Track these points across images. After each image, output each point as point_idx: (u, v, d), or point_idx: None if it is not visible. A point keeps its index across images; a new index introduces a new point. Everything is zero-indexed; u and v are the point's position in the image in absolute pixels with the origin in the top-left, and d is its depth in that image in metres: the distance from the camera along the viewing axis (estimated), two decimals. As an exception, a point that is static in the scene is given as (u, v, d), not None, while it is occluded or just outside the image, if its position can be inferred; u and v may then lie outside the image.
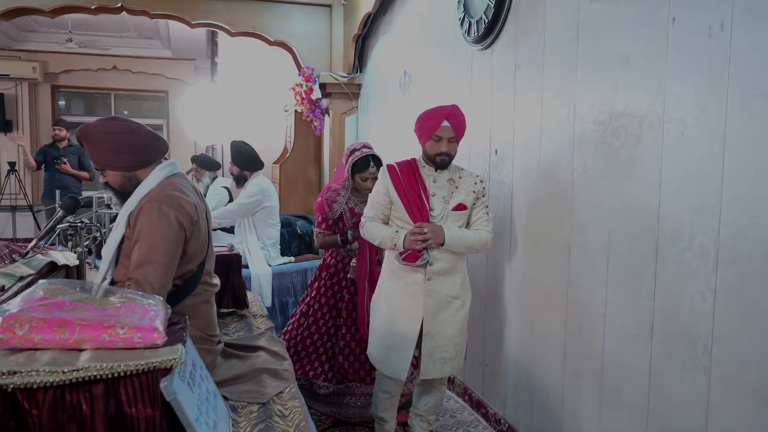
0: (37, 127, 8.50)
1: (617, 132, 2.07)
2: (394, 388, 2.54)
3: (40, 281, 1.41)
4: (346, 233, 2.97)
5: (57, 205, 4.62)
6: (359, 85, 5.26)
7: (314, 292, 3.08)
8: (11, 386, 1.10)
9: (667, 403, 1.87)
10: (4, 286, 1.73)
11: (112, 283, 1.83)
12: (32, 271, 1.99)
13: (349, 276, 3.00)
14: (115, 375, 1.16)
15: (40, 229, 5.21)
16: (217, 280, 2.05)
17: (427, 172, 2.43)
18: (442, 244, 2.33)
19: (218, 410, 1.48)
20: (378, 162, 2.94)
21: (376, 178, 2.81)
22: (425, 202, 2.37)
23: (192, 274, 1.87)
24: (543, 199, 2.53)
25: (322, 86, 5.22)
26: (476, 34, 2.95)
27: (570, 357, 2.37)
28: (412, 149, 2.69)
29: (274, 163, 6.35)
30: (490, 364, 3.00)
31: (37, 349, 1.19)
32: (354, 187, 3.01)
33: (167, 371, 1.20)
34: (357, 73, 5.22)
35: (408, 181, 2.41)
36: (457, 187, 2.42)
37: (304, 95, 5.19)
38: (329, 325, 3.01)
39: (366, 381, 2.98)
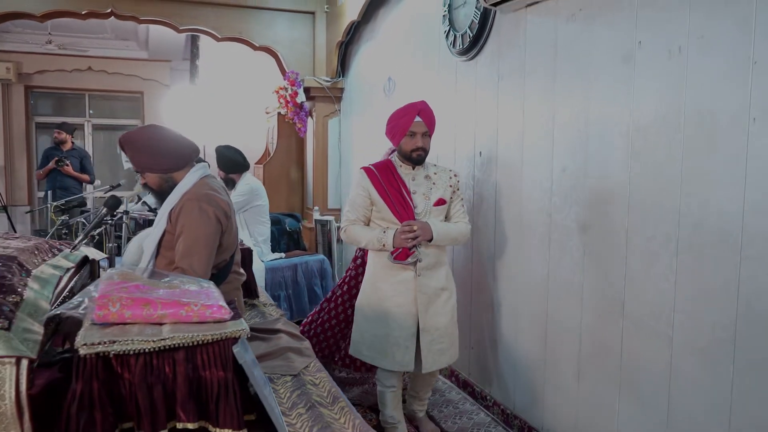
0: (10, 127, 8.47)
1: (592, 137, 2.38)
2: (397, 381, 2.67)
3: (110, 269, 1.63)
4: None
5: (49, 205, 4.75)
6: (342, 89, 5.51)
7: (340, 281, 3.33)
8: (112, 353, 1.33)
9: (636, 369, 2.19)
10: (61, 277, 1.93)
11: (152, 273, 2.05)
12: (72, 264, 2.18)
13: None
14: (194, 343, 1.39)
15: (14, 228, 5.31)
16: (242, 270, 2.28)
17: (404, 170, 2.56)
18: (431, 240, 2.46)
19: (262, 376, 1.72)
20: None
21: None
22: (409, 200, 2.49)
23: (225, 264, 2.10)
24: (525, 196, 2.83)
25: (306, 90, 5.45)
26: (461, 46, 3.24)
27: (550, 336, 2.68)
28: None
29: (256, 163, 6.54)
30: (475, 347, 3.30)
31: (125, 324, 1.42)
32: None
33: (235, 340, 1.44)
34: (340, 77, 5.47)
35: (388, 181, 2.51)
36: (434, 183, 2.56)
37: (289, 98, 5.40)
38: (348, 313, 3.26)
39: (374, 370, 3.22)
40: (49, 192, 5.08)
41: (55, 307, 1.63)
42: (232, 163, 4.35)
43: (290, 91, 5.34)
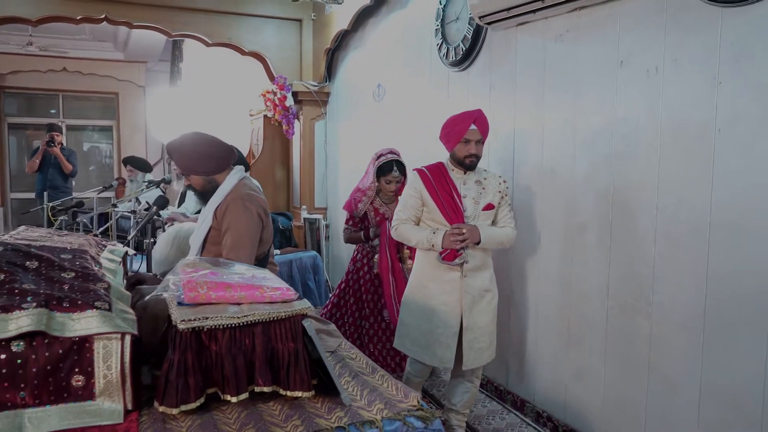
0: (-18, 128, 8.41)
1: (579, 143, 2.72)
2: (425, 373, 2.80)
3: (183, 259, 1.87)
4: (370, 230, 3.42)
5: (46, 206, 4.85)
6: (328, 94, 5.77)
7: (344, 285, 3.55)
8: (205, 327, 1.57)
9: (620, 342, 2.53)
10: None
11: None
12: (119, 258, 2.39)
13: (374, 271, 3.43)
14: (270, 319, 1.65)
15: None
16: (276, 262, 2.54)
17: (456, 175, 2.63)
18: (478, 243, 2.53)
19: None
20: (401, 166, 3.33)
21: (398, 182, 3.18)
22: (459, 203, 2.58)
23: (263, 256, 2.35)
24: (516, 194, 3.15)
25: (294, 94, 5.68)
26: (454, 58, 3.54)
27: (540, 318, 3.01)
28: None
29: (241, 164, 6.73)
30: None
31: (211, 303, 1.66)
32: (379, 188, 3.41)
33: (303, 317, 1.70)
34: (327, 82, 5.72)
35: (440, 184, 2.59)
36: (484, 188, 2.63)
37: (277, 102, 5.62)
38: (356, 316, 3.47)
39: (397, 371, 3.39)
40: (45, 193, 5.20)
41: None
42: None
43: (279, 95, 5.57)
